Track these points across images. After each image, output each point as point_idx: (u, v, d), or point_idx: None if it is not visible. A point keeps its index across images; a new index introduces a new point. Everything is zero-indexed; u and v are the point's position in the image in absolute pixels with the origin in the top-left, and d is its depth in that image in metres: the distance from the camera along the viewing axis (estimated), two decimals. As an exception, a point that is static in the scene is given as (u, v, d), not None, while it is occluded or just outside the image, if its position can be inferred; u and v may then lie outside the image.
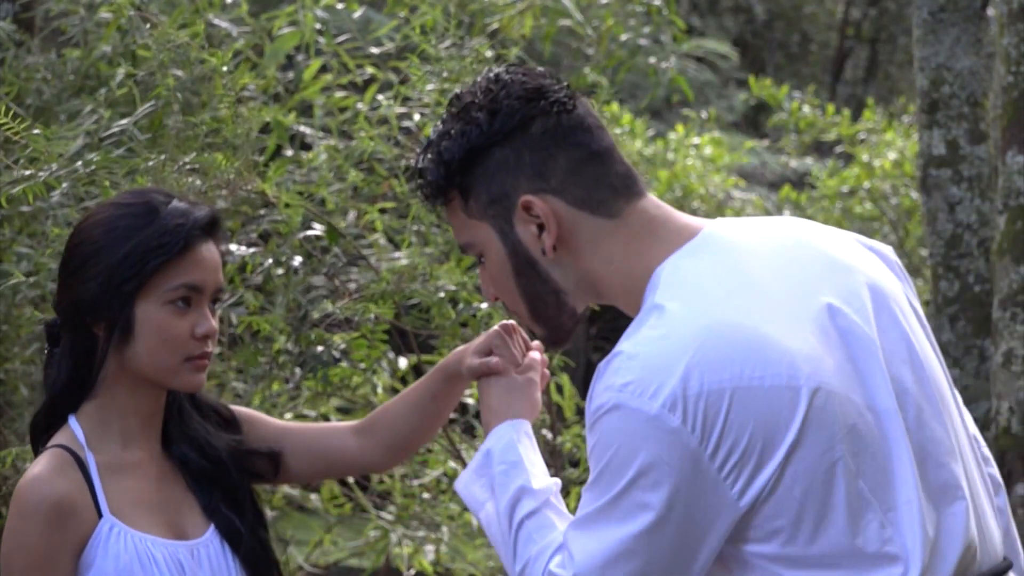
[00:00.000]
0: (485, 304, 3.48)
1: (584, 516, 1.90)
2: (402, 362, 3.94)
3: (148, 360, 2.15)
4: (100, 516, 2.12)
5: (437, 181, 2.01)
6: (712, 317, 1.85)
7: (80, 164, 3.10)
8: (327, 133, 4.46)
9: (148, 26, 3.51)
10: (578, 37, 5.85)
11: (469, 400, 4.17)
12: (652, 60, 5.74)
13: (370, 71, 4.58)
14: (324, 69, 4.58)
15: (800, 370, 1.83)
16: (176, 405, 2.26)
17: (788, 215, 8.00)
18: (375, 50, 4.75)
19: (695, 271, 1.91)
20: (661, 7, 5.46)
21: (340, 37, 4.68)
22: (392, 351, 3.90)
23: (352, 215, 4.23)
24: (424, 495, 4.65)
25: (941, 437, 1.94)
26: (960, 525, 1.91)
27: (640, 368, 1.82)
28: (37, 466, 2.13)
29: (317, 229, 3.57)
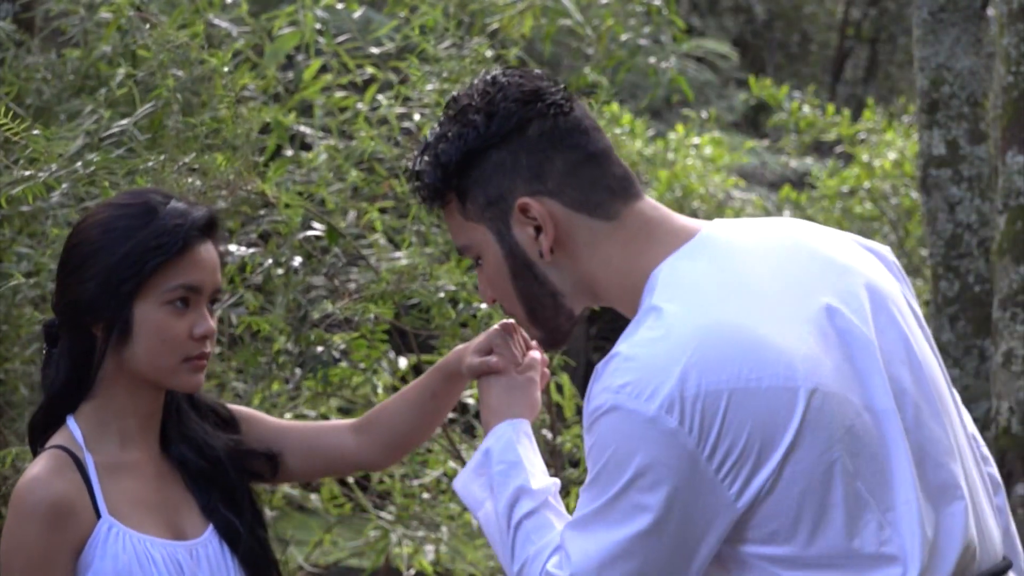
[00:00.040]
0: (485, 304, 3.48)
1: (581, 517, 1.90)
2: (402, 362, 3.94)
3: (146, 360, 2.15)
4: (99, 517, 2.12)
5: (434, 183, 2.01)
6: (709, 318, 1.84)
7: (80, 164, 3.10)
8: (327, 133, 4.45)
9: (148, 26, 3.50)
10: (578, 37, 5.85)
11: (469, 400, 4.17)
12: (652, 60, 5.74)
13: (370, 71, 4.58)
14: (324, 69, 4.58)
15: (797, 371, 1.83)
16: (174, 405, 2.26)
17: (788, 215, 7.99)
18: (375, 50, 4.75)
19: (692, 273, 1.91)
20: (661, 7, 5.46)
21: (340, 37, 4.68)
22: (392, 351, 3.90)
23: (352, 215, 4.23)
24: (424, 495, 4.65)
25: (940, 437, 1.94)
26: (959, 525, 1.91)
27: (638, 369, 1.82)
28: (35, 467, 2.13)
29: (317, 229, 3.57)
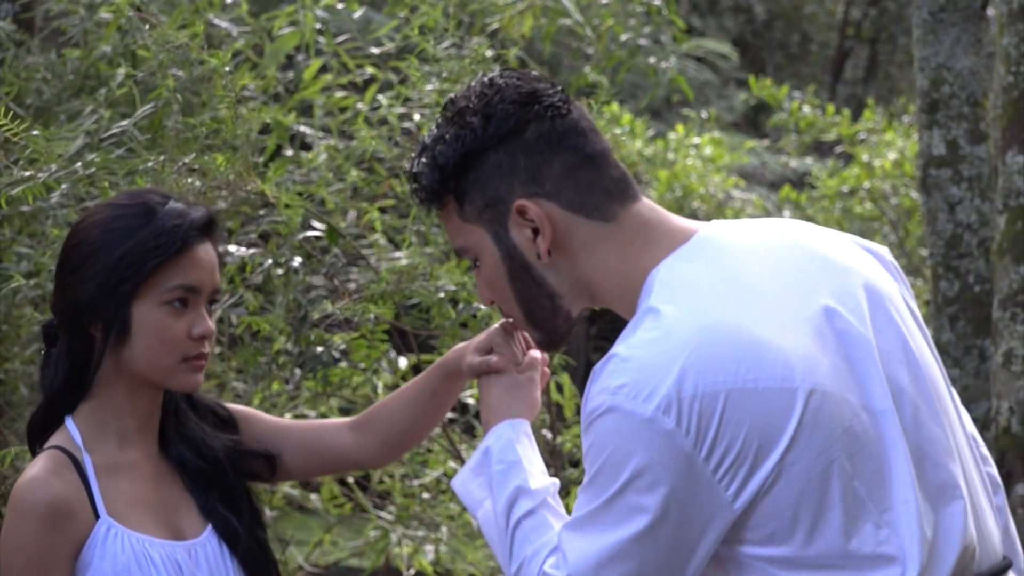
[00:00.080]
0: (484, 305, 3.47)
1: (579, 518, 1.90)
2: (402, 362, 3.94)
3: (145, 361, 2.15)
4: (97, 517, 2.12)
5: (432, 185, 2.01)
6: (707, 319, 1.85)
7: (80, 165, 3.10)
8: (327, 133, 4.46)
9: (148, 27, 3.50)
10: (578, 37, 5.85)
11: (469, 400, 4.17)
12: (652, 60, 5.74)
13: (370, 71, 4.58)
14: (324, 69, 4.58)
15: (795, 371, 1.83)
16: (173, 405, 2.26)
17: (788, 215, 7.99)
18: (375, 50, 4.75)
19: (690, 274, 1.91)
20: (661, 7, 5.46)
21: (340, 37, 4.69)
22: (392, 351, 3.90)
23: (352, 215, 4.23)
24: (424, 495, 4.65)
25: (938, 437, 1.94)
26: (958, 525, 1.91)
27: (635, 371, 1.83)
28: (34, 468, 2.13)
29: (317, 229, 3.56)
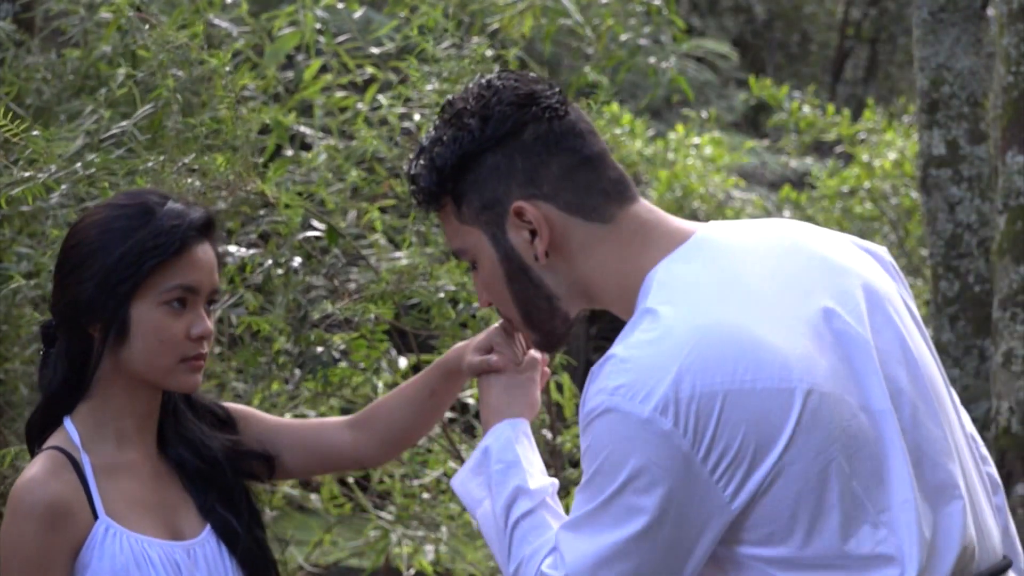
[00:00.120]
0: (483, 306, 3.47)
1: (576, 518, 1.90)
2: (402, 362, 3.94)
3: (143, 361, 2.15)
4: (96, 517, 2.12)
5: (430, 187, 2.01)
6: (704, 320, 1.85)
7: (79, 165, 3.10)
8: (327, 133, 4.46)
9: (148, 27, 3.50)
10: (578, 37, 5.86)
11: (469, 400, 4.17)
12: (652, 60, 5.74)
13: (370, 71, 4.58)
14: (324, 69, 4.58)
15: (793, 372, 1.83)
16: (171, 406, 2.26)
17: (788, 215, 7.98)
18: (375, 50, 4.75)
19: (688, 275, 1.91)
20: (661, 7, 5.46)
21: (340, 37, 4.69)
22: (393, 350, 3.90)
23: (352, 215, 4.23)
24: (424, 495, 4.65)
25: (937, 437, 1.94)
26: (957, 525, 1.91)
27: (632, 371, 1.83)
28: (32, 468, 2.13)
29: (317, 229, 3.56)
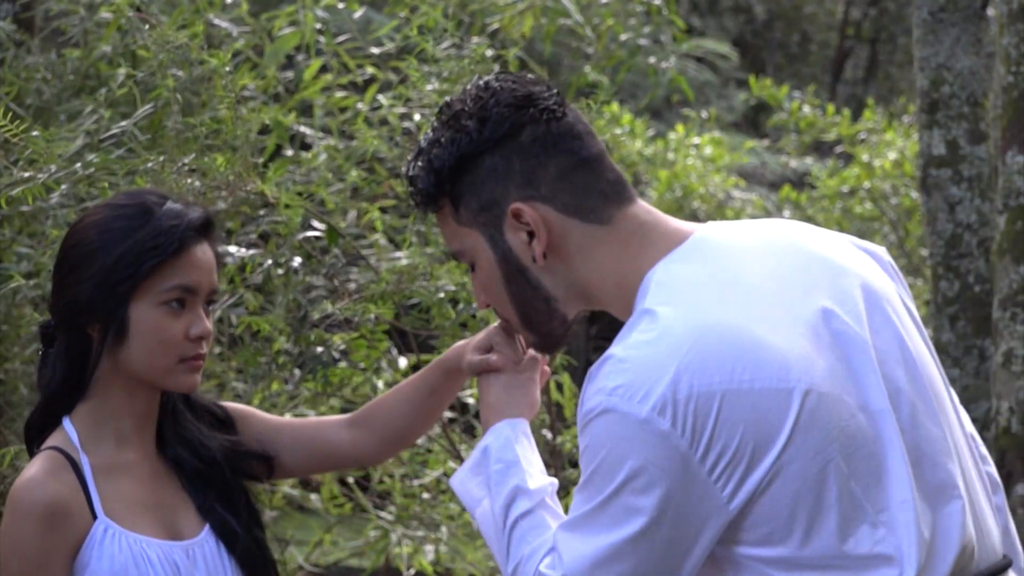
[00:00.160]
0: (483, 307, 3.46)
1: (575, 518, 1.90)
2: (402, 362, 3.94)
3: (142, 361, 2.15)
4: (95, 518, 2.12)
5: (427, 189, 2.01)
6: (702, 320, 1.85)
7: (79, 165, 3.09)
8: (327, 133, 4.46)
9: (147, 27, 3.50)
10: (578, 37, 5.86)
11: (469, 399, 4.17)
12: (652, 60, 5.74)
13: (370, 71, 4.58)
14: (324, 69, 4.58)
15: (791, 372, 1.83)
16: (170, 406, 2.26)
17: (788, 215, 7.98)
18: (375, 50, 4.75)
19: (686, 275, 1.91)
20: (661, 7, 5.46)
21: (340, 37, 4.69)
22: (393, 349, 3.90)
23: (352, 215, 4.23)
24: (424, 495, 4.65)
25: (936, 436, 1.94)
26: (956, 524, 1.91)
27: (630, 372, 1.83)
28: (31, 469, 2.13)
29: (317, 229, 3.56)
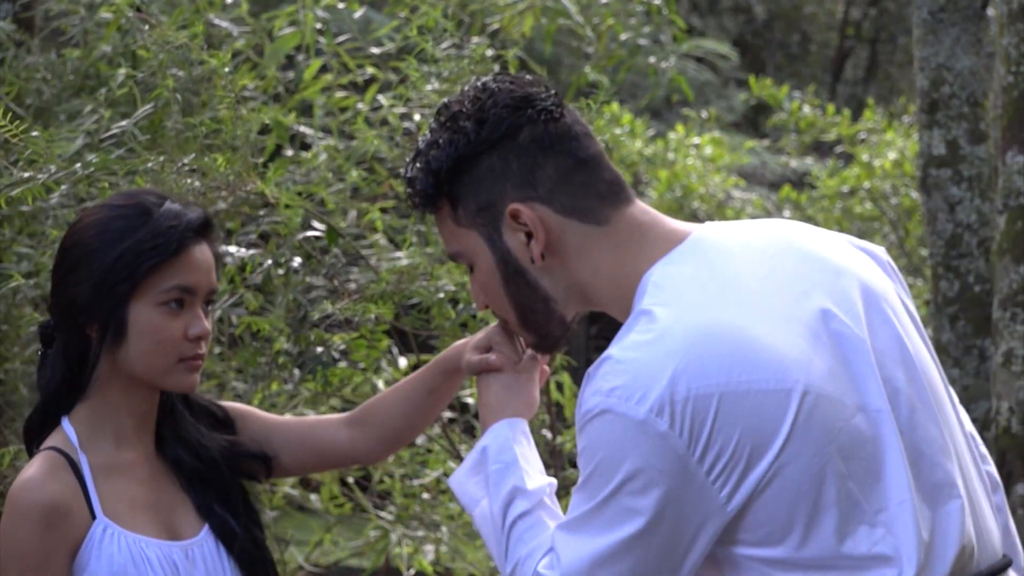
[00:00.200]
0: (482, 308, 3.46)
1: (573, 519, 1.90)
2: (402, 362, 3.94)
3: (141, 361, 2.15)
4: (94, 518, 2.12)
5: (426, 190, 2.01)
6: (700, 321, 1.84)
7: (79, 165, 3.09)
8: (327, 133, 4.45)
9: (147, 27, 3.50)
10: (578, 37, 5.85)
11: (469, 399, 4.17)
12: (652, 60, 5.74)
13: (370, 71, 4.58)
14: (324, 69, 4.58)
15: (789, 373, 1.83)
16: (169, 406, 2.26)
17: (788, 215, 7.98)
18: (375, 50, 4.75)
19: (683, 276, 1.91)
20: (661, 7, 5.46)
21: (340, 37, 4.68)
22: (395, 348, 3.90)
23: (352, 215, 4.23)
24: (424, 495, 4.65)
25: (935, 436, 1.94)
26: (956, 524, 1.91)
27: (628, 373, 1.83)
28: (30, 469, 2.13)
29: (317, 229, 3.56)
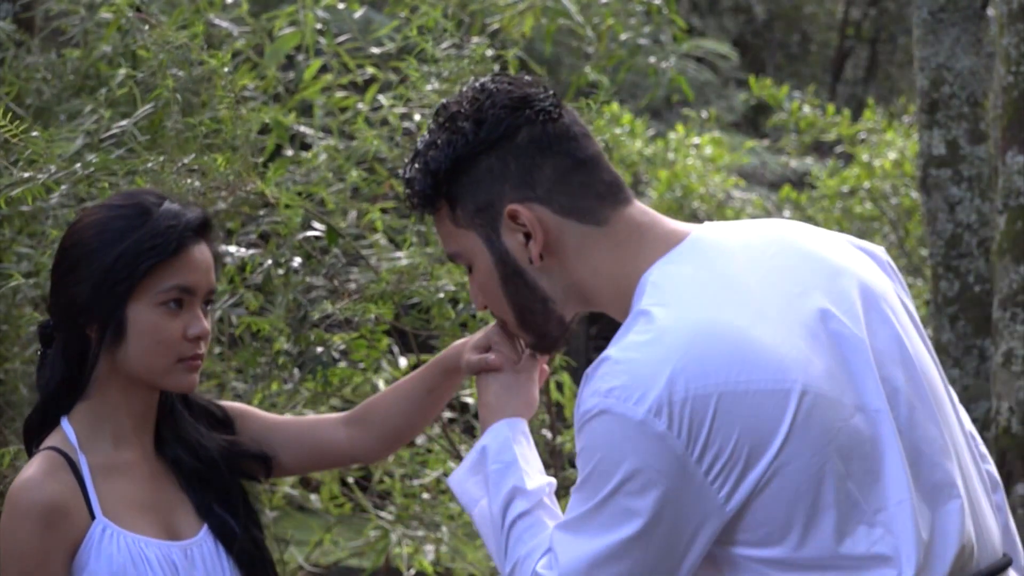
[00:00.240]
0: (482, 308, 3.46)
1: (571, 519, 1.90)
2: (402, 362, 3.94)
3: (140, 361, 2.15)
4: (93, 518, 2.12)
5: (424, 191, 2.01)
6: (698, 321, 1.84)
7: (79, 166, 3.09)
8: (327, 133, 4.45)
9: (147, 27, 3.50)
10: (578, 37, 5.86)
11: (469, 399, 4.17)
12: (652, 60, 5.74)
13: (370, 71, 4.58)
14: (324, 69, 4.58)
15: (788, 373, 1.83)
16: (168, 406, 2.27)
17: (788, 215, 7.98)
18: (376, 50, 4.75)
19: (682, 276, 1.91)
20: (661, 6, 5.46)
21: (341, 37, 4.68)
22: (395, 348, 3.90)
23: (352, 215, 4.23)
24: (424, 495, 4.65)
25: (934, 436, 1.94)
26: (955, 524, 1.91)
27: (626, 373, 1.83)
28: (29, 469, 2.13)
29: (317, 230, 3.56)
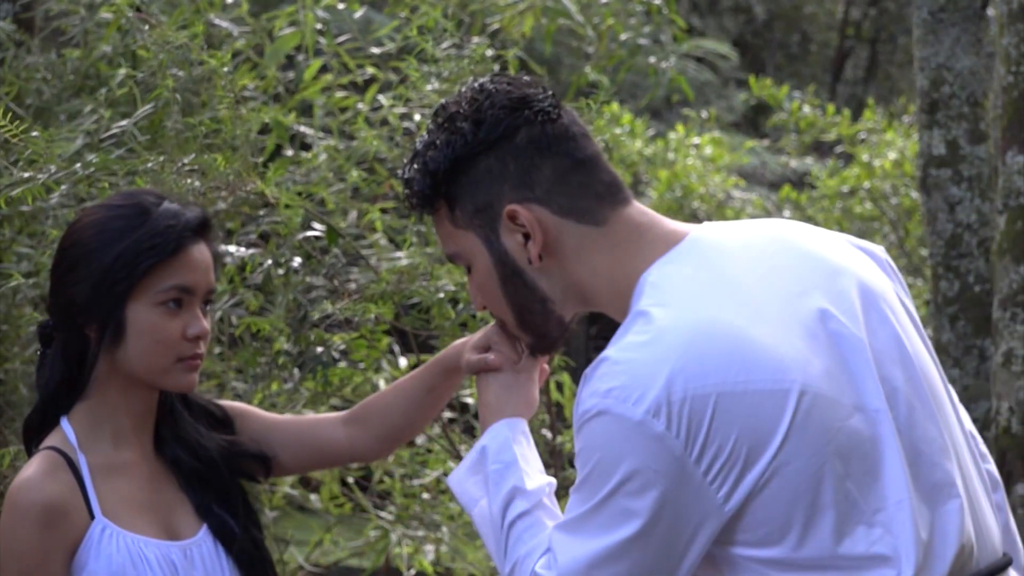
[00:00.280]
0: (482, 308, 3.46)
1: (570, 520, 1.90)
2: (402, 362, 3.94)
3: (140, 361, 2.16)
4: (92, 518, 2.12)
5: (423, 191, 2.02)
6: (697, 322, 1.84)
7: (79, 165, 3.09)
8: (327, 133, 4.45)
9: (147, 27, 3.50)
10: (578, 37, 5.86)
11: (469, 399, 4.17)
12: (652, 60, 5.74)
13: (371, 71, 4.58)
14: (324, 69, 4.58)
15: (786, 373, 1.83)
16: (168, 406, 2.27)
17: (788, 215, 7.98)
18: (376, 50, 4.75)
19: (681, 276, 1.91)
20: (661, 6, 5.46)
21: (341, 37, 4.69)
22: (395, 347, 3.90)
23: (352, 215, 4.23)
24: (424, 495, 4.65)
25: (934, 436, 1.94)
26: (955, 524, 1.91)
27: (625, 374, 1.83)
28: (28, 469, 2.13)
29: (317, 230, 3.56)
